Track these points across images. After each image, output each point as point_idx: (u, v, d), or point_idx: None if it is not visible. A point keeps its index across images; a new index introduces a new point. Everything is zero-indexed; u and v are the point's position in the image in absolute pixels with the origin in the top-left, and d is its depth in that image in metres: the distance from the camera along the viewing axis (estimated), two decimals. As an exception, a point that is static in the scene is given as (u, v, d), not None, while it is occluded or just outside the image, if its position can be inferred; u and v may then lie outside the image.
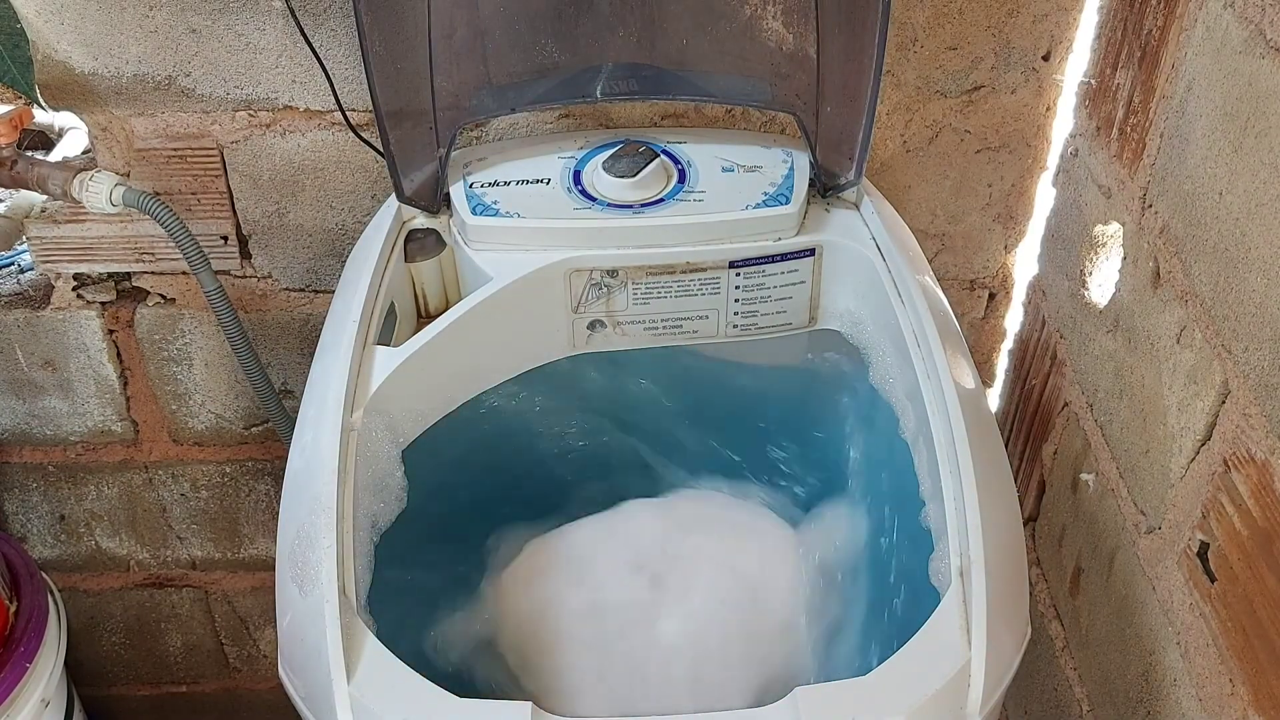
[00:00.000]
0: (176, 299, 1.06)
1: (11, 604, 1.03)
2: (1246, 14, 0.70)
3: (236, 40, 0.91)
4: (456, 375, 0.82)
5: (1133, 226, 0.85)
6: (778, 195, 0.85)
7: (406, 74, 0.82)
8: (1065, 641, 0.97)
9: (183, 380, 1.11)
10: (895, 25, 0.92)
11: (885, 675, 0.62)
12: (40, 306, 1.05)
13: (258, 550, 1.25)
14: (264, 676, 1.38)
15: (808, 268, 0.86)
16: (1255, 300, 0.68)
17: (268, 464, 1.18)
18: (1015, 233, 1.06)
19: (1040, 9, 0.93)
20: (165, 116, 0.95)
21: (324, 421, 0.72)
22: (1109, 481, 0.88)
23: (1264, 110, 0.67)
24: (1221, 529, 0.72)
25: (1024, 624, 0.69)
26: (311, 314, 1.07)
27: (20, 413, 1.12)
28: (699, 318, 0.87)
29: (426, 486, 0.78)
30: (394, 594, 0.71)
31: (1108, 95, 0.90)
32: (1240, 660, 0.70)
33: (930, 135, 0.99)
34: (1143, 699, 0.82)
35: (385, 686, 0.61)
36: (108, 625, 1.32)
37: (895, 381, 0.81)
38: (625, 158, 0.86)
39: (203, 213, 1.00)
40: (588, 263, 0.83)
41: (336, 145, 0.97)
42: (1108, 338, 0.88)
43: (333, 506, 0.67)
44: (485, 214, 0.84)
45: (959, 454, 0.69)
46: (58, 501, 1.20)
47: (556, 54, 0.85)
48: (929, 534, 0.71)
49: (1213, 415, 0.73)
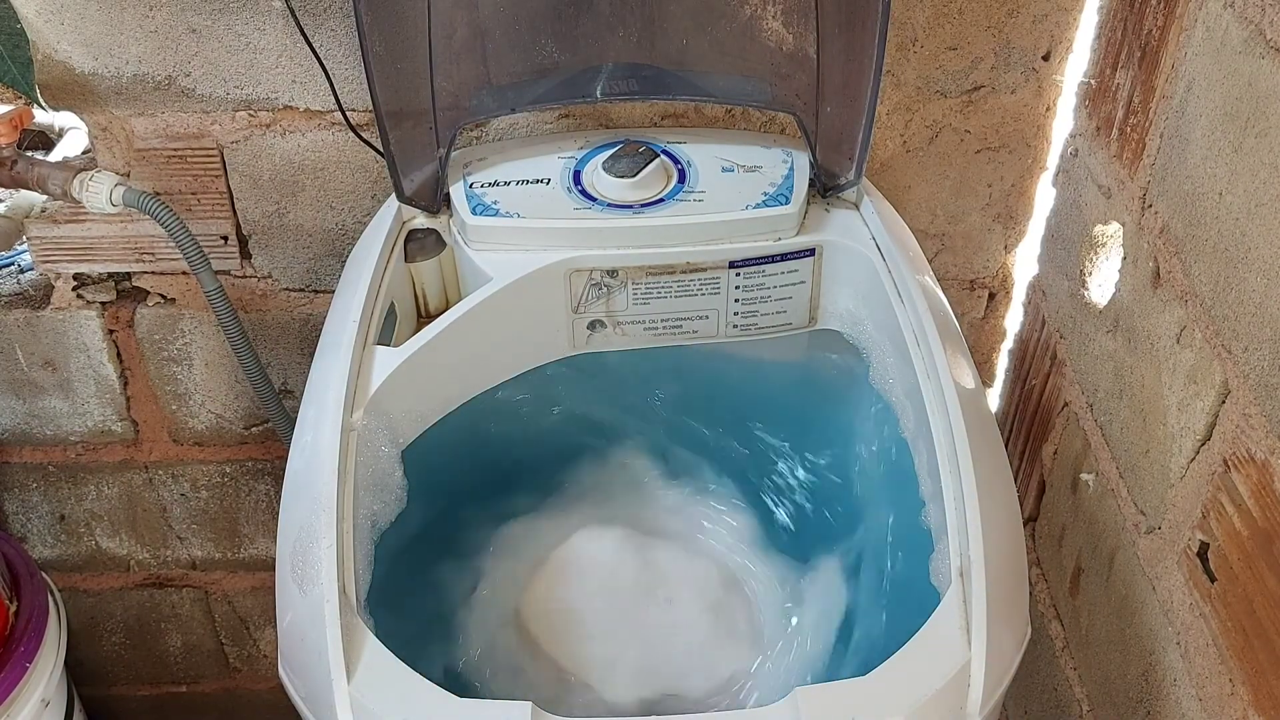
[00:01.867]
0: (176, 299, 1.06)
1: (11, 604, 1.03)
2: (1246, 14, 0.70)
3: (236, 40, 0.91)
4: (456, 375, 0.82)
5: (1133, 226, 0.85)
6: (778, 195, 0.85)
7: (406, 74, 0.82)
8: (1065, 641, 0.97)
9: (183, 380, 1.11)
10: (895, 25, 0.92)
11: (885, 675, 0.62)
12: (40, 306, 1.05)
13: (258, 550, 1.25)
14: (264, 676, 1.38)
15: (808, 268, 0.86)
16: (1255, 300, 0.68)
17: (268, 464, 1.18)
18: (1015, 233, 1.06)
19: (1040, 9, 0.93)
20: (165, 116, 0.95)
21: (324, 421, 0.72)
22: (1109, 481, 0.88)
23: (1264, 110, 0.67)
24: (1221, 529, 0.72)
25: (1024, 624, 0.69)
26: (311, 314, 1.07)
27: (20, 413, 1.12)
28: (699, 318, 0.87)
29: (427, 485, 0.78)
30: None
31: (1108, 95, 0.90)
32: (1240, 660, 0.70)
33: (930, 135, 0.99)
34: (1143, 699, 0.82)
35: (385, 686, 0.61)
36: (108, 625, 1.32)
37: (895, 381, 0.81)
38: (625, 158, 0.86)
39: (203, 213, 1.00)
40: (588, 263, 0.83)
41: (336, 145, 0.97)
42: (1108, 338, 0.88)
43: (333, 506, 0.67)
44: (485, 214, 0.84)
45: (959, 454, 0.69)
46: (58, 501, 1.20)
47: (556, 54, 0.85)
48: (929, 534, 0.71)
49: (1213, 415, 0.73)
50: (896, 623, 0.75)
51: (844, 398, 0.89)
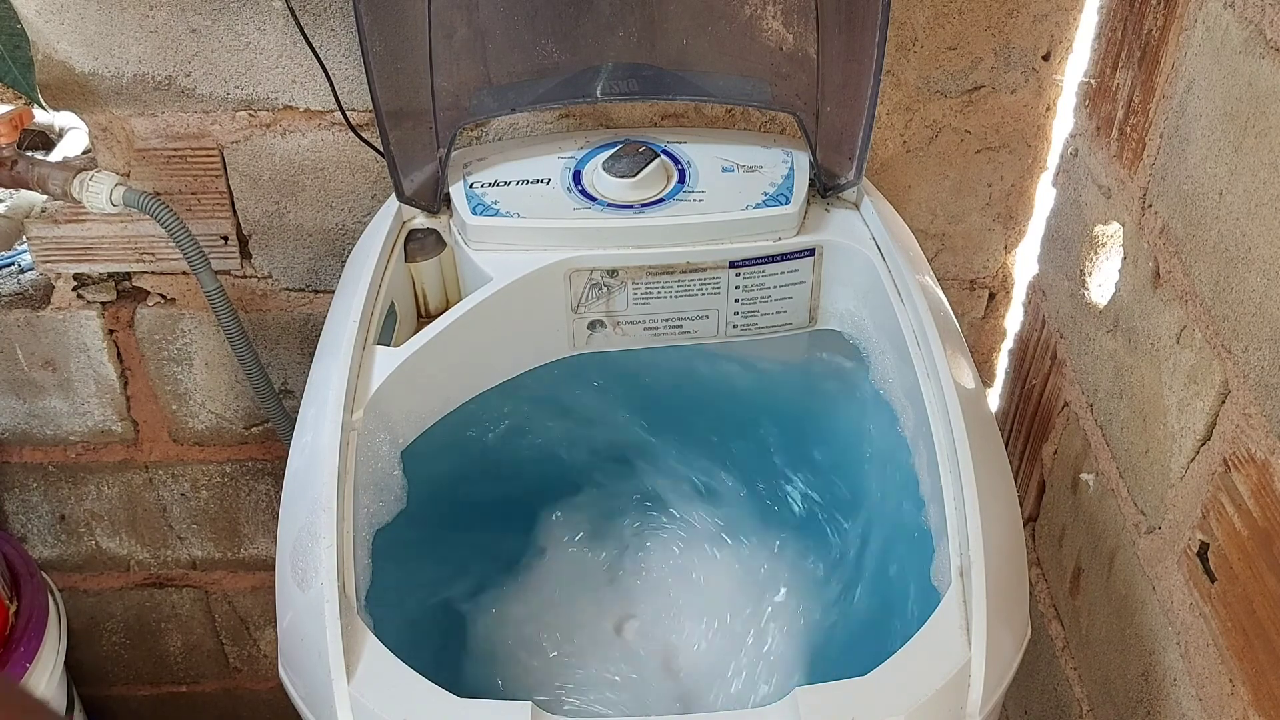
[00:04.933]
0: (176, 299, 1.06)
1: (11, 604, 1.03)
2: (1246, 14, 0.70)
3: (236, 40, 0.91)
4: (456, 375, 0.82)
5: (1133, 226, 0.85)
6: (778, 195, 0.85)
7: (406, 74, 0.82)
8: (1065, 641, 0.97)
9: (183, 380, 1.11)
10: (895, 25, 0.92)
11: (885, 675, 0.62)
12: (40, 306, 1.05)
13: (258, 550, 1.25)
14: (264, 676, 1.38)
15: (808, 268, 0.86)
16: (1255, 300, 0.68)
17: (268, 464, 1.18)
18: (1015, 233, 1.06)
19: (1040, 9, 0.93)
20: (165, 116, 0.95)
21: (324, 421, 0.72)
22: (1109, 481, 0.88)
23: (1264, 110, 0.67)
24: (1221, 529, 0.72)
25: (1024, 624, 0.69)
26: (311, 314, 1.07)
27: (20, 413, 1.12)
28: (699, 318, 0.87)
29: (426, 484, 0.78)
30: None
31: (1108, 95, 0.90)
32: (1240, 660, 0.70)
33: (930, 135, 0.99)
34: (1143, 699, 0.82)
35: (385, 686, 0.61)
36: (108, 625, 1.32)
37: (895, 381, 0.81)
38: (625, 158, 0.86)
39: (203, 213, 1.00)
40: (588, 263, 0.83)
41: (336, 145, 0.97)
42: (1108, 338, 0.88)
43: (333, 506, 0.67)
44: (485, 214, 0.84)
45: (959, 454, 0.69)
46: (58, 501, 1.20)
47: (556, 54, 0.85)
48: (929, 534, 0.71)
49: (1213, 415, 0.73)
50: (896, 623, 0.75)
51: (844, 398, 0.89)
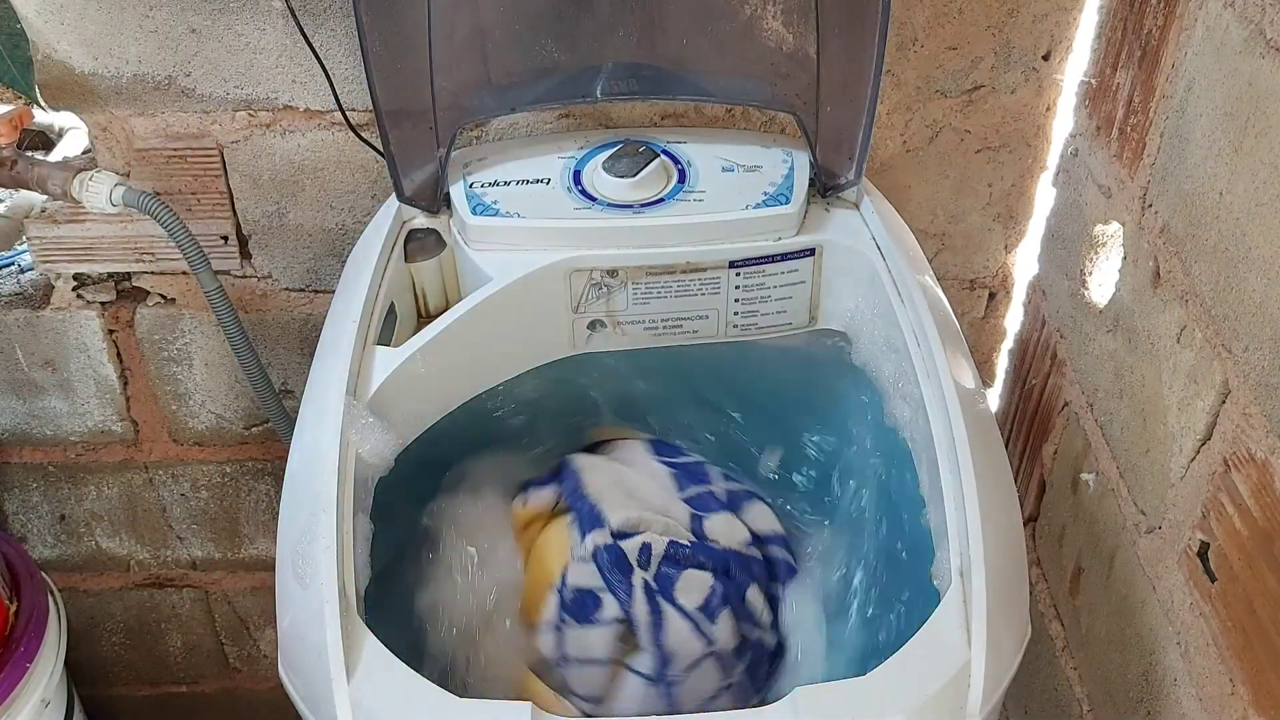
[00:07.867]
0: (176, 299, 1.06)
1: (11, 604, 1.03)
2: (1246, 14, 0.70)
3: (236, 40, 0.91)
4: (456, 375, 0.82)
5: (1133, 226, 0.85)
6: (778, 195, 0.85)
7: (406, 74, 0.82)
8: (1065, 641, 0.97)
9: (183, 380, 1.11)
10: (895, 25, 0.92)
11: (885, 675, 0.62)
12: (40, 306, 1.05)
13: (258, 550, 1.25)
14: (264, 676, 1.38)
15: (808, 268, 0.86)
16: (1255, 300, 0.68)
17: (268, 464, 1.18)
18: (1015, 232, 1.06)
19: (1040, 9, 0.93)
20: (165, 116, 0.95)
21: (324, 421, 0.72)
22: (1109, 481, 0.88)
23: (1264, 110, 0.67)
24: (1222, 529, 0.72)
25: (1024, 624, 0.69)
26: (311, 314, 1.07)
27: (20, 413, 1.12)
28: (699, 318, 0.87)
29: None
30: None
31: (1108, 95, 0.90)
32: (1240, 660, 0.70)
33: (930, 135, 0.99)
34: (1143, 699, 0.82)
35: (385, 686, 0.61)
36: (108, 625, 1.32)
37: (895, 381, 0.81)
38: (625, 158, 0.86)
39: (203, 213, 1.00)
40: (588, 263, 0.83)
41: (336, 145, 0.97)
42: (1108, 337, 0.88)
43: (333, 506, 0.67)
44: (485, 214, 0.84)
45: (959, 454, 0.69)
46: (58, 501, 1.20)
47: (556, 54, 0.85)
48: (929, 534, 0.71)
49: (1213, 415, 0.73)
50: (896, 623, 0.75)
51: (843, 398, 0.88)
